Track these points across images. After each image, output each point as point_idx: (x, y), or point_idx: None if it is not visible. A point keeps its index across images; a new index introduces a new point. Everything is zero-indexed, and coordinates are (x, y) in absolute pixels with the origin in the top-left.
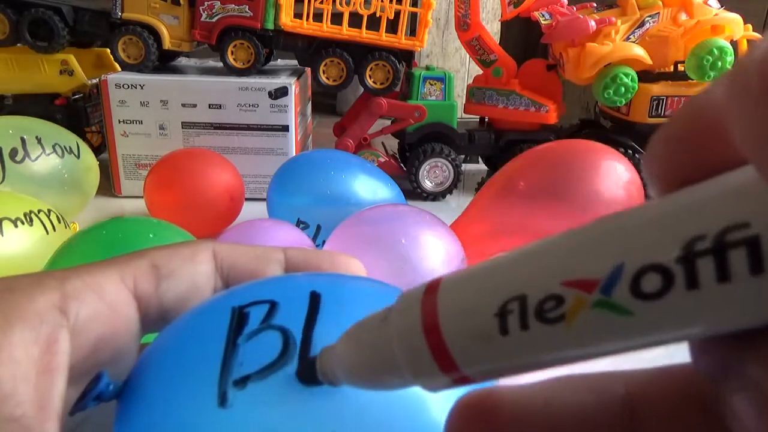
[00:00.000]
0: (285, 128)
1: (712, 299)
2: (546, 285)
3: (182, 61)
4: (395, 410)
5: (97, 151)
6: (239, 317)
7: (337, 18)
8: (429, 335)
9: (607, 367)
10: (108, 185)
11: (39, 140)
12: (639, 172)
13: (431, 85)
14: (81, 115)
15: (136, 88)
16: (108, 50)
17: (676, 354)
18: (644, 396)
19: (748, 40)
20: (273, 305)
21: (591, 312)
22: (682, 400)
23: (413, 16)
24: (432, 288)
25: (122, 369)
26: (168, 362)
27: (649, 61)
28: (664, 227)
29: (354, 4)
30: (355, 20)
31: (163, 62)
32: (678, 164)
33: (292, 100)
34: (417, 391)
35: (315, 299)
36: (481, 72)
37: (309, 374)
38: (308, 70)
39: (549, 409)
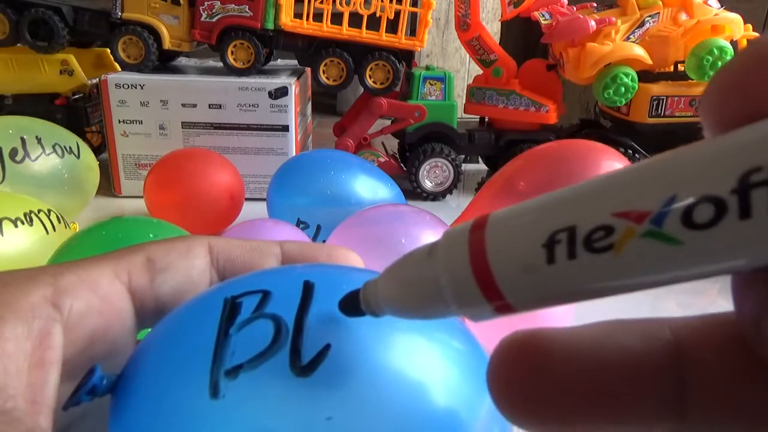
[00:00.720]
0: (285, 128)
1: (764, 228)
2: (596, 216)
3: (182, 61)
4: (392, 396)
5: (97, 151)
6: (231, 307)
7: (337, 18)
8: (476, 266)
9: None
10: (108, 185)
11: (39, 140)
12: None
13: (431, 85)
14: (81, 115)
15: (136, 88)
16: (108, 50)
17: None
18: (691, 342)
19: (748, 40)
20: (266, 294)
21: (640, 241)
22: (728, 347)
23: (413, 16)
24: (479, 224)
25: (118, 363)
26: (161, 354)
27: (649, 61)
28: (719, 160)
29: (354, 4)
30: (355, 20)
31: (163, 62)
32: (735, 109)
33: (292, 100)
34: (416, 375)
35: (308, 288)
36: (481, 72)
37: (352, 305)
38: (308, 70)
39: (597, 351)
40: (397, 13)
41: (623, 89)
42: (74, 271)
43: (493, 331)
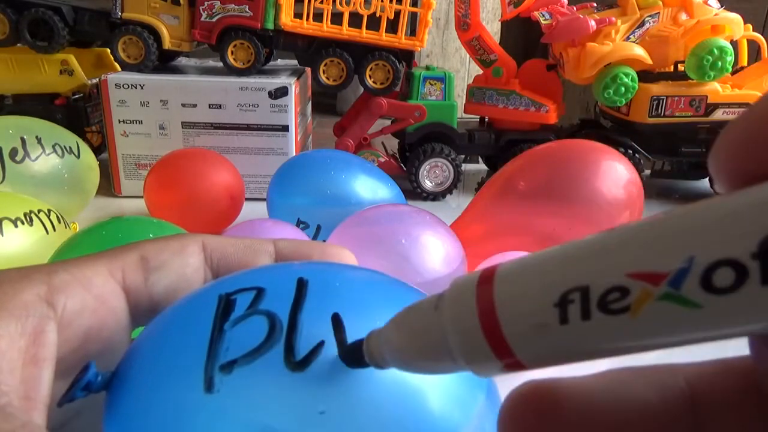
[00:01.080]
0: (285, 128)
1: None
2: (610, 277)
3: (182, 61)
4: (386, 392)
5: (97, 151)
6: (226, 304)
7: (337, 18)
8: (485, 323)
9: (657, 359)
10: (108, 185)
11: (39, 140)
12: (639, 172)
13: (431, 85)
14: (81, 115)
15: (136, 88)
16: (108, 50)
17: (728, 347)
18: (706, 392)
19: (748, 40)
20: (260, 291)
21: (657, 304)
22: (744, 396)
23: (413, 16)
24: (487, 277)
25: (113, 361)
26: (155, 351)
27: (649, 61)
28: (738, 222)
29: (354, 4)
30: (355, 20)
31: (163, 62)
32: (749, 163)
33: (292, 100)
34: (408, 374)
35: (302, 284)
36: (481, 72)
37: (355, 357)
38: (308, 70)
39: (612, 403)
40: (397, 13)
41: (623, 89)
42: (68, 269)
43: None
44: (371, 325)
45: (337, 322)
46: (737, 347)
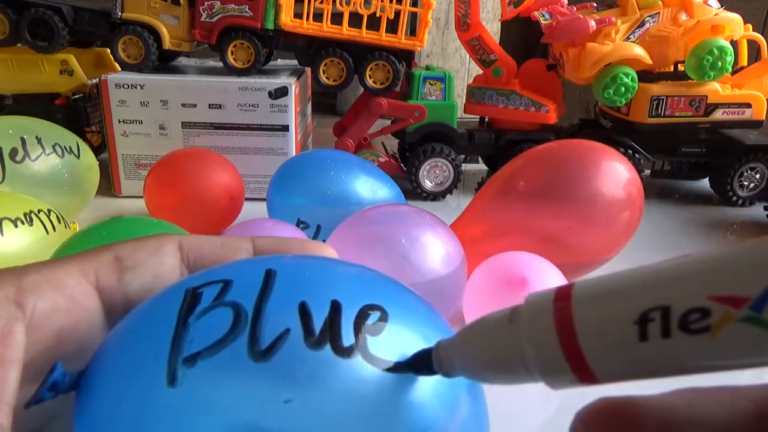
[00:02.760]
0: (285, 128)
1: None
2: (692, 298)
3: (182, 61)
4: (356, 382)
5: (97, 151)
6: (192, 297)
7: (337, 18)
8: (563, 338)
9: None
10: (108, 185)
11: (39, 140)
12: (639, 172)
13: (431, 85)
14: (81, 115)
15: (136, 88)
16: (108, 50)
17: None
18: None
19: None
20: (227, 284)
21: (738, 326)
22: None
23: (413, 16)
24: (564, 294)
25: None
26: (122, 348)
27: (649, 61)
28: None
29: (354, 4)
30: (355, 20)
31: (163, 62)
32: None
33: (292, 100)
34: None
35: (269, 275)
36: (481, 72)
37: (423, 363)
38: (308, 70)
39: (685, 421)
40: (397, 13)
41: (623, 89)
42: (39, 270)
43: None
44: (341, 313)
45: (303, 311)
46: None
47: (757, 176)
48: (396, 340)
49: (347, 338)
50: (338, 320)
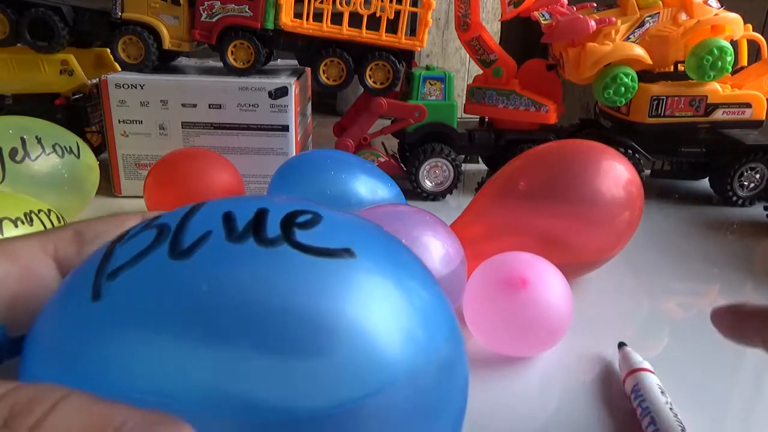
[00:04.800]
0: (285, 128)
1: None
2: None
3: (182, 61)
4: (271, 267)
5: (97, 151)
6: (124, 234)
7: (337, 18)
8: None
9: None
10: (108, 185)
11: (39, 140)
12: (639, 172)
13: (431, 85)
14: (81, 115)
15: (136, 88)
16: (108, 50)
17: None
18: None
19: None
20: (159, 216)
21: None
22: None
23: (413, 16)
24: None
25: None
26: (59, 293)
27: (649, 61)
28: None
29: (354, 4)
30: (355, 20)
31: (163, 62)
32: None
33: (292, 100)
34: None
35: (198, 205)
36: (481, 72)
37: None
38: (308, 70)
39: None
40: (397, 13)
41: (623, 89)
42: None
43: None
44: (267, 215)
45: (228, 216)
46: None
47: (757, 176)
48: (332, 231)
49: (272, 231)
50: (263, 219)
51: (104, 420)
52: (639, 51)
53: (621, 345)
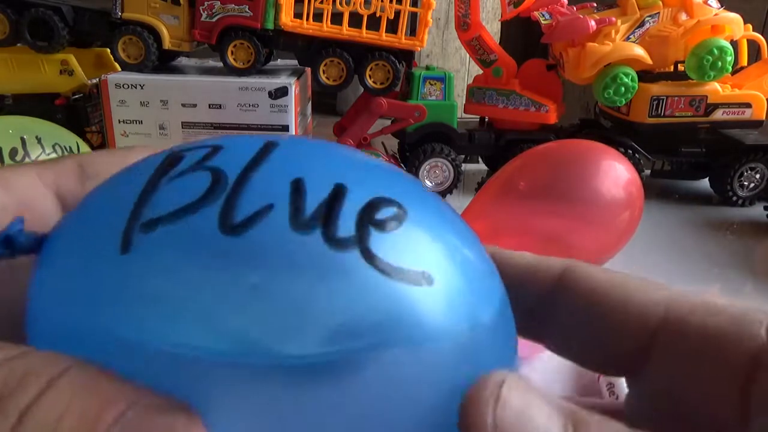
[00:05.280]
0: (285, 128)
1: None
2: None
3: (182, 61)
4: (334, 278)
5: None
6: (170, 159)
7: (337, 18)
8: None
9: None
10: None
11: (39, 140)
12: (639, 172)
13: (431, 85)
14: (81, 115)
15: (136, 88)
16: (108, 50)
17: None
18: None
19: (747, 40)
20: (216, 149)
21: None
22: None
23: (413, 16)
24: None
25: None
26: (87, 211)
27: (649, 61)
28: None
29: (354, 4)
30: (355, 20)
31: (163, 62)
32: None
33: (292, 100)
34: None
35: (268, 146)
36: (481, 72)
37: None
38: (308, 70)
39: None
40: (397, 13)
41: (623, 89)
42: None
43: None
44: (345, 198)
45: (297, 187)
46: None
47: (757, 176)
48: (412, 243)
49: (345, 228)
50: (339, 205)
51: (107, 403)
52: (639, 51)
53: None
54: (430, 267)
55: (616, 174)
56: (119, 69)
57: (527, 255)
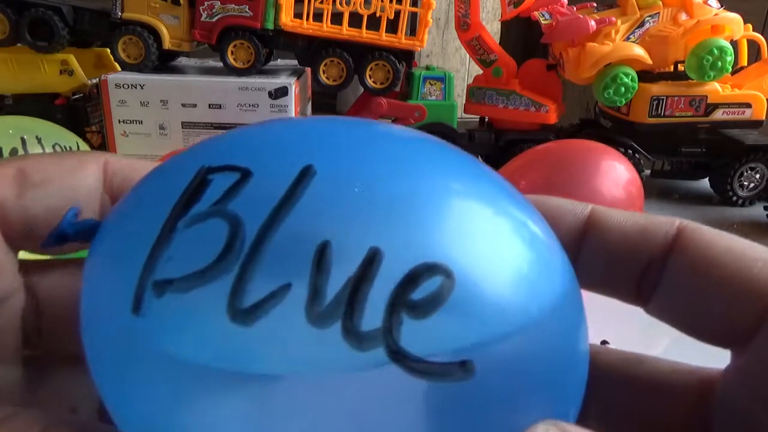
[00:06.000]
0: None
1: None
2: None
3: (182, 61)
4: (354, 387)
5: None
6: (198, 186)
7: (337, 18)
8: None
9: None
10: None
11: (39, 140)
12: (639, 172)
13: (431, 85)
14: (81, 115)
15: (136, 88)
16: (108, 50)
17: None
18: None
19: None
20: (245, 176)
21: None
22: None
23: (413, 16)
24: None
25: None
26: (113, 235)
27: (649, 61)
28: None
29: (354, 4)
30: (355, 20)
31: (163, 62)
32: None
33: (292, 100)
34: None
35: (303, 176)
36: (481, 72)
37: None
38: (308, 70)
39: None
40: (397, 13)
41: (623, 89)
42: None
43: None
44: (376, 272)
45: (321, 259)
46: None
47: (757, 176)
48: (456, 327)
49: (372, 317)
50: (367, 285)
51: None
52: (639, 51)
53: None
54: (473, 354)
55: (616, 174)
56: (119, 69)
57: (635, 215)
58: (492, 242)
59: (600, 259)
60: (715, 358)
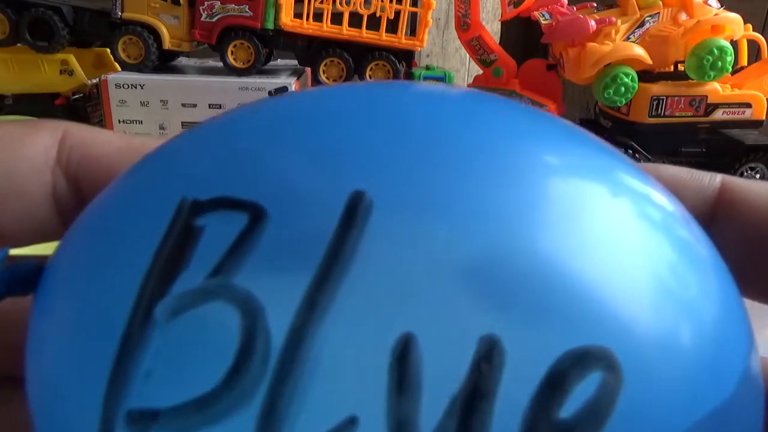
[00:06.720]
0: None
1: None
2: None
3: (182, 61)
4: None
5: None
6: (181, 239)
7: (337, 18)
8: None
9: None
10: None
11: None
12: None
13: None
14: (81, 115)
15: (136, 88)
16: (108, 50)
17: None
18: None
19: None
20: (256, 219)
21: None
22: None
23: (413, 16)
24: None
25: None
26: (62, 301)
27: (649, 61)
28: None
29: (354, 4)
30: (355, 20)
31: (163, 62)
32: None
33: None
34: None
35: (355, 206)
36: (481, 72)
37: None
38: (308, 70)
39: None
40: (397, 13)
41: (623, 89)
42: None
43: None
44: (498, 376)
45: (402, 363)
46: None
47: (757, 176)
48: None
49: None
50: (485, 404)
51: None
52: (639, 51)
53: None
54: None
55: None
56: (119, 69)
57: (680, 169)
58: (658, 301)
59: (740, 249)
60: None
